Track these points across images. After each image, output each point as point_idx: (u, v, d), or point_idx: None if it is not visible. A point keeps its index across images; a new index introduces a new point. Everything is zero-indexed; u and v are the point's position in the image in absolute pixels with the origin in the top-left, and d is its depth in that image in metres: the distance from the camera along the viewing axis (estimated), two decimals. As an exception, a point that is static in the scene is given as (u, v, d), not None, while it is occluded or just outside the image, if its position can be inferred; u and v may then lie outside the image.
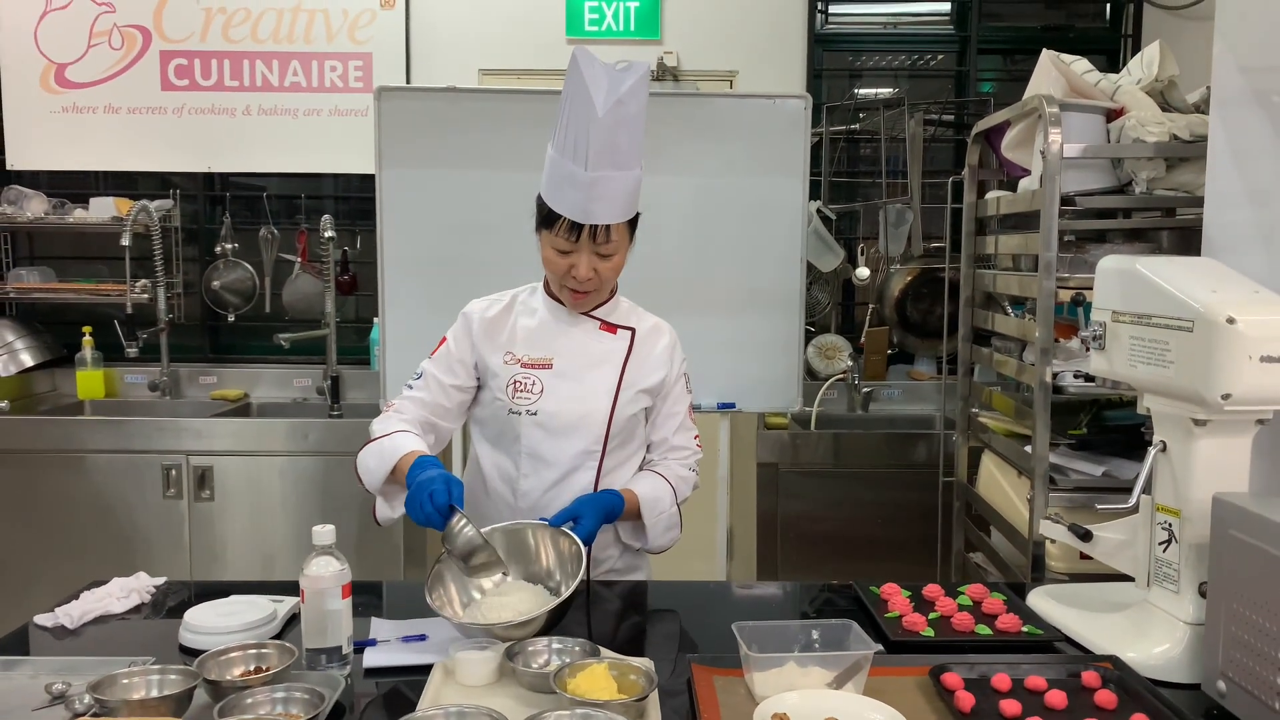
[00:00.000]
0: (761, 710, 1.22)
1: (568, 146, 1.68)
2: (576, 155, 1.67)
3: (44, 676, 1.38)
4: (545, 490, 1.84)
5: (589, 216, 1.69)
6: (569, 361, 1.85)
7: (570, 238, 1.72)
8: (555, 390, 1.83)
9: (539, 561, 1.69)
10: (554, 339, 1.86)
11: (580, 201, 1.69)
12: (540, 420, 1.83)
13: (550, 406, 1.82)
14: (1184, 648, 1.44)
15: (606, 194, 1.69)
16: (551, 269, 1.80)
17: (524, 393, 1.83)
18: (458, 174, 3.02)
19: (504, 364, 1.85)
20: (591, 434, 1.84)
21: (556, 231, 1.72)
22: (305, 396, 3.90)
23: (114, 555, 3.30)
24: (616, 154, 1.67)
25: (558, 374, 1.84)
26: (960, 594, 1.73)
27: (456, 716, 1.20)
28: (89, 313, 3.89)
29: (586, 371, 1.85)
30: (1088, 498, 2.22)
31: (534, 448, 1.84)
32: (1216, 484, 1.41)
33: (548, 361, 1.84)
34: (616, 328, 1.89)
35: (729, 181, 3.06)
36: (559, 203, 1.71)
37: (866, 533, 3.30)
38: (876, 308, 3.90)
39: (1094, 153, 2.30)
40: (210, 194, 3.99)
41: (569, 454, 1.84)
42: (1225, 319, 1.37)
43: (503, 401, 1.84)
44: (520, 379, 1.83)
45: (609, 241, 1.73)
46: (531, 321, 1.88)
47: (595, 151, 1.65)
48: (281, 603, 1.64)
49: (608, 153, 1.66)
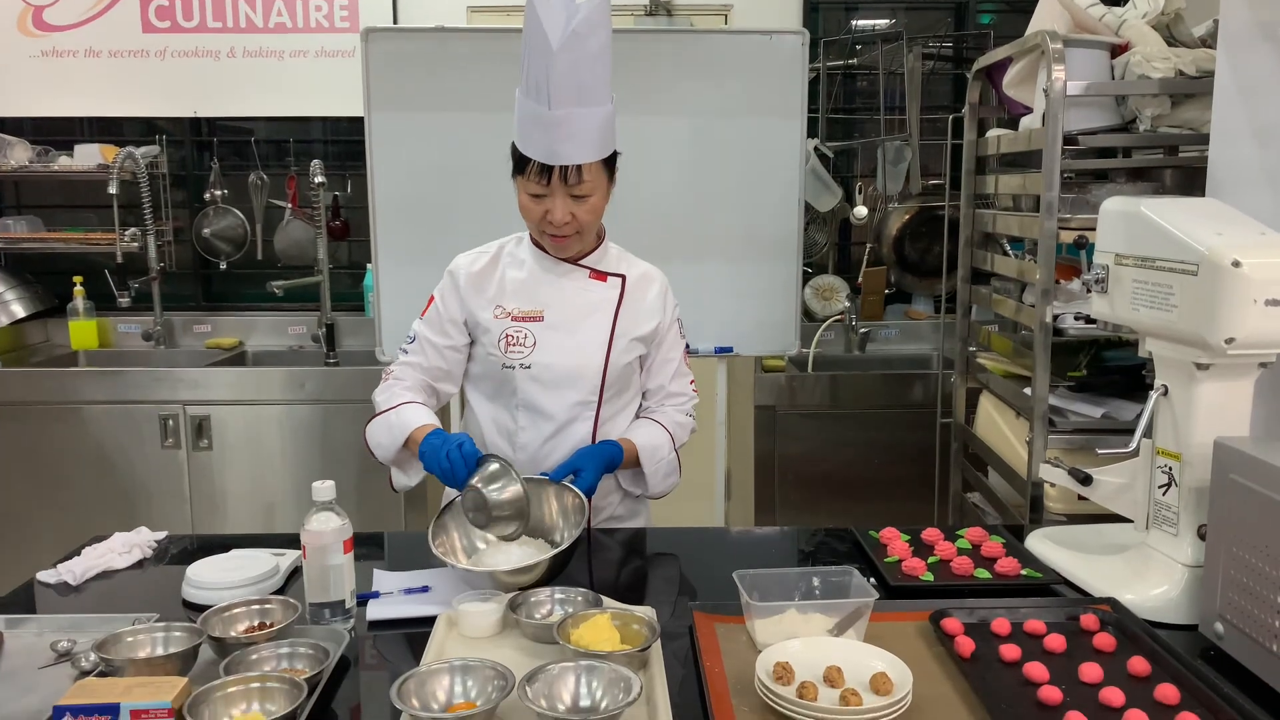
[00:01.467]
0: (764, 659, 1.23)
1: (530, 86, 1.64)
2: (540, 94, 1.62)
3: (49, 634, 1.39)
4: (543, 442, 1.84)
5: (557, 157, 1.65)
6: (560, 313, 1.83)
7: (541, 180, 1.68)
8: (548, 343, 1.81)
9: (543, 516, 1.70)
10: (544, 290, 1.84)
11: (547, 142, 1.64)
12: (535, 374, 1.81)
13: (544, 359, 1.81)
14: (1181, 590, 1.45)
15: (574, 133, 1.64)
16: (528, 215, 1.76)
17: (517, 346, 1.81)
18: (449, 116, 2.97)
19: (495, 318, 1.83)
20: (587, 385, 1.83)
21: (528, 175, 1.69)
22: (300, 344, 3.88)
23: (115, 506, 3.31)
24: (581, 90, 1.62)
25: (549, 326, 1.82)
26: (959, 537, 1.73)
27: (461, 670, 1.20)
28: (79, 262, 3.85)
29: (578, 322, 1.83)
30: (1087, 439, 2.22)
31: (530, 401, 1.83)
32: (1217, 428, 1.41)
33: (538, 314, 1.82)
34: (606, 275, 1.86)
35: (724, 121, 3.01)
36: (527, 145, 1.68)
37: (863, 473, 3.31)
38: (874, 247, 3.87)
39: (1098, 90, 2.25)
40: (197, 139, 3.93)
41: (565, 405, 1.83)
42: (1230, 262, 1.35)
43: (496, 356, 1.82)
44: (512, 333, 1.81)
45: (582, 182, 1.69)
46: (520, 273, 1.85)
47: (557, 89, 1.60)
48: (283, 556, 1.64)
49: (571, 89, 1.61)
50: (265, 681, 1.17)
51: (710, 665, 1.29)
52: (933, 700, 1.21)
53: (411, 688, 1.16)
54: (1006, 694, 1.21)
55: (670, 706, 1.16)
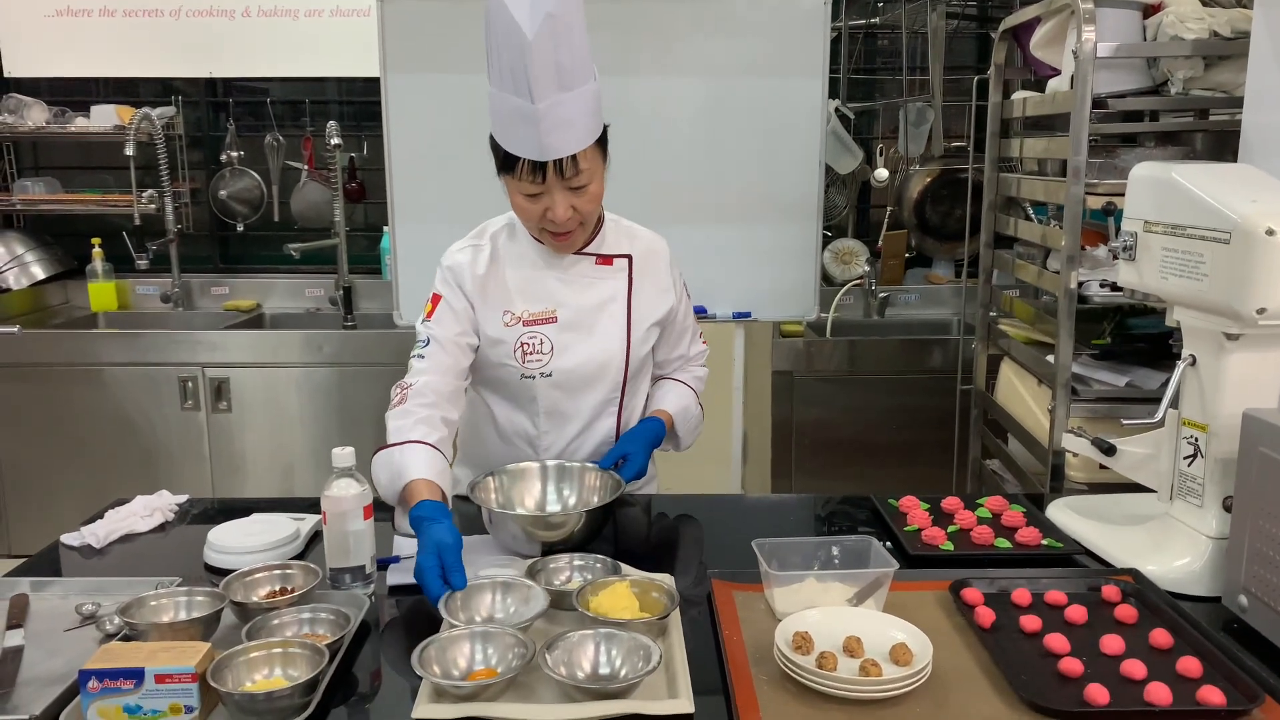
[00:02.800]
0: (783, 629, 1.23)
1: (506, 79, 1.49)
2: (518, 87, 1.47)
3: (74, 597, 1.41)
4: (567, 443, 1.80)
5: (549, 152, 1.51)
6: (573, 310, 1.73)
7: (535, 179, 1.54)
8: (566, 346, 1.72)
9: (579, 490, 1.71)
10: (552, 287, 1.73)
11: (534, 137, 1.50)
12: (556, 381, 1.73)
13: (565, 365, 1.73)
14: (1205, 561, 1.44)
15: (562, 122, 1.49)
16: (525, 217, 1.64)
17: (534, 355, 1.71)
18: (466, 78, 2.92)
19: (505, 326, 1.71)
20: (610, 383, 1.78)
21: (519, 175, 1.54)
22: (318, 307, 3.88)
23: (135, 468, 3.35)
24: (561, 74, 1.47)
25: (564, 327, 1.72)
26: (979, 506, 1.72)
27: (481, 637, 1.21)
28: (97, 223, 3.86)
29: (594, 318, 1.74)
30: (1110, 408, 2.21)
31: (553, 407, 1.77)
32: (1246, 399, 1.38)
33: (551, 315, 1.72)
34: (612, 258, 1.77)
35: (744, 81, 2.96)
36: (512, 143, 1.53)
37: (881, 439, 3.30)
38: (895, 210, 3.83)
39: (1129, 51, 2.20)
40: (212, 100, 3.91)
41: (589, 406, 1.78)
42: (1265, 230, 1.32)
43: (513, 367, 1.72)
44: (527, 340, 1.71)
45: (579, 173, 1.55)
46: (523, 272, 1.73)
47: (538, 79, 1.45)
48: (303, 520, 1.65)
49: (551, 76, 1.46)
50: (287, 647, 1.18)
51: (729, 634, 1.29)
52: (953, 671, 1.21)
53: (433, 654, 1.17)
54: (1027, 665, 1.21)
55: (689, 675, 1.17)
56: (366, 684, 1.23)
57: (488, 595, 1.34)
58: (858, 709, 1.12)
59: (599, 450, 1.81)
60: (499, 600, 1.33)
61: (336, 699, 1.17)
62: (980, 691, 1.17)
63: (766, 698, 1.15)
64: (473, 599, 1.32)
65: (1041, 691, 1.14)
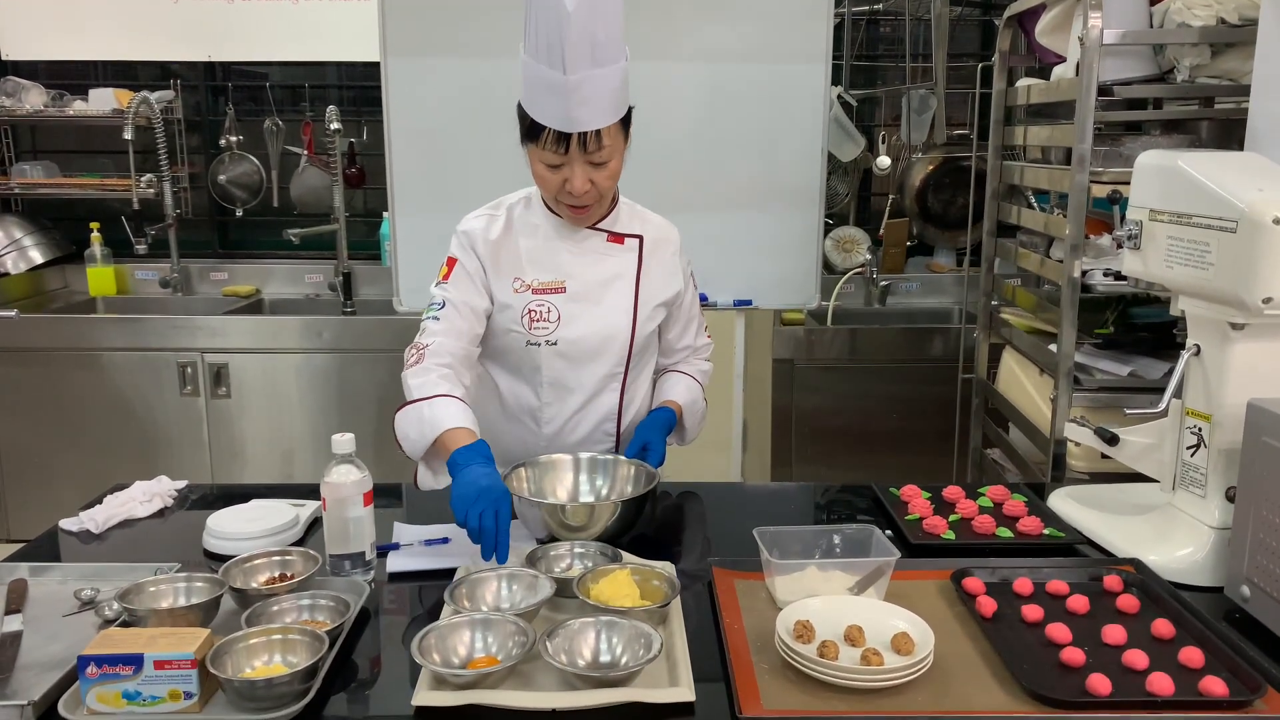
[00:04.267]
0: (784, 618, 1.23)
1: (540, 49, 1.53)
2: (552, 59, 1.51)
3: (73, 582, 1.40)
4: (569, 417, 1.80)
5: (575, 124, 1.55)
6: (582, 282, 1.75)
7: (559, 149, 1.57)
8: (573, 316, 1.74)
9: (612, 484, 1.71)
10: (562, 258, 1.75)
11: (563, 108, 1.53)
12: (561, 350, 1.75)
13: (571, 334, 1.74)
14: (1208, 551, 1.44)
15: (591, 96, 1.53)
16: (545, 185, 1.66)
17: (541, 322, 1.73)
18: (467, 62, 2.91)
19: (515, 292, 1.73)
20: (615, 356, 1.78)
21: (543, 144, 1.58)
22: (317, 293, 3.87)
23: (135, 453, 3.34)
24: (596, 49, 1.51)
25: (572, 297, 1.74)
26: (981, 495, 1.72)
27: (482, 624, 1.21)
28: (95, 208, 3.84)
29: (602, 291, 1.76)
30: (1112, 398, 2.20)
31: (556, 377, 1.77)
32: (1250, 389, 1.38)
33: (560, 285, 1.74)
34: (624, 237, 1.78)
35: (746, 67, 2.94)
36: (540, 112, 1.56)
37: (882, 428, 3.30)
38: (896, 198, 3.81)
39: (1135, 38, 2.18)
40: (212, 84, 3.89)
41: (593, 379, 1.78)
42: (1271, 219, 1.31)
43: (519, 333, 1.74)
44: (535, 307, 1.72)
45: (601, 148, 1.58)
46: (535, 241, 1.75)
47: (572, 52, 1.49)
48: (303, 506, 1.65)
49: (586, 50, 1.50)
50: (287, 633, 1.18)
51: (730, 622, 1.29)
52: (954, 660, 1.20)
53: (432, 642, 1.17)
54: (1029, 655, 1.20)
55: (690, 663, 1.16)
56: (366, 671, 1.23)
57: (493, 585, 1.34)
58: (859, 698, 1.12)
59: (600, 427, 1.82)
60: (504, 590, 1.33)
61: (336, 686, 1.17)
62: (982, 681, 1.16)
63: (767, 686, 1.14)
64: (478, 588, 1.33)
65: (1043, 681, 1.14)
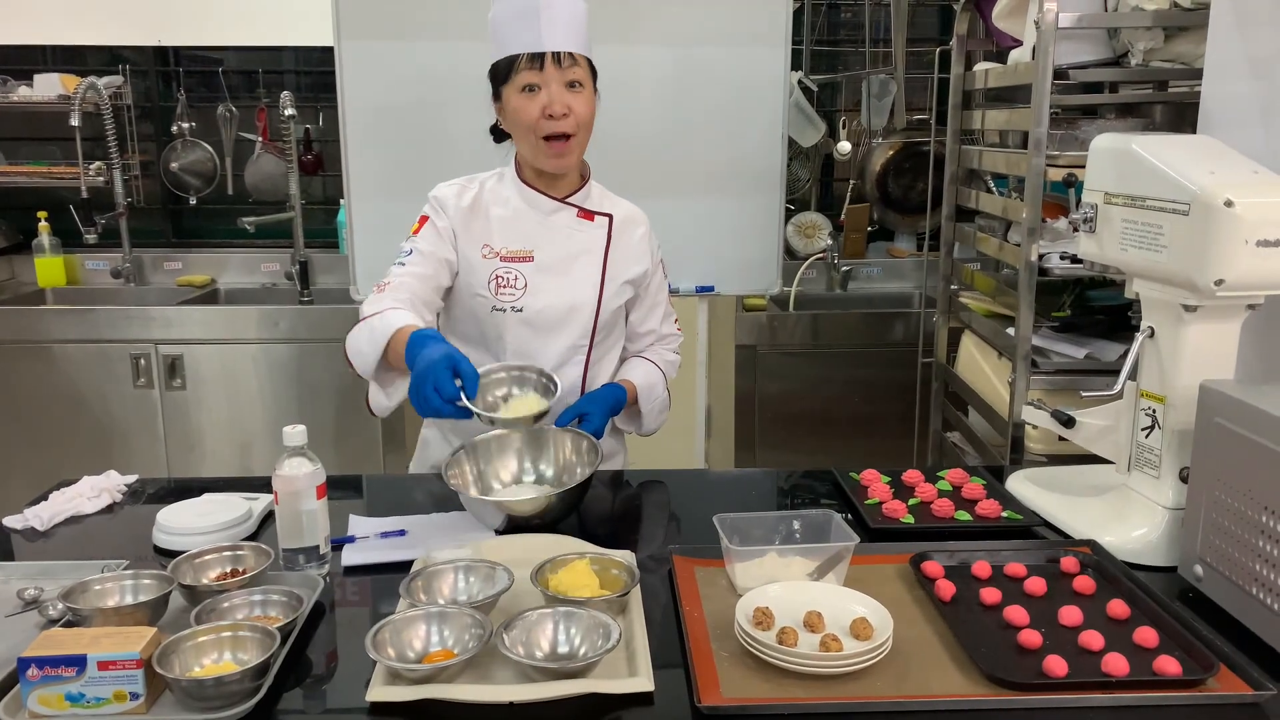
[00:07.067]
0: (744, 604, 1.22)
1: None
2: None
3: (16, 581, 1.36)
4: None
5: (545, 43, 1.66)
6: (550, 253, 1.77)
7: (534, 67, 1.66)
8: (540, 285, 1.76)
9: (555, 460, 1.69)
10: (532, 229, 1.78)
11: (536, 28, 1.65)
12: (526, 317, 1.76)
13: (536, 303, 1.76)
14: (1162, 532, 1.45)
15: (558, 18, 1.66)
16: (523, 118, 1.69)
17: (507, 289, 1.74)
18: (424, 45, 2.87)
19: (483, 258, 1.76)
20: (579, 328, 1.79)
21: (518, 69, 1.67)
22: (274, 282, 3.81)
23: (88, 447, 3.27)
24: None
25: (540, 267, 1.76)
26: (940, 479, 1.72)
27: (438, 617, 1.19)
28: (43, 197, 3.74)
29: (569, 264, 1.78)
30: (1069, 380, 2.22)
31: (520, 346, 1.77)
32: (1203, 370, 1.39)
33: (528, 254, 1.76)
34: (594, 214, 1.81)
35: (706, 49, 2.93)
36: (512, 43, 1.67)
37: (844, 412, 3.31)
38: (857, 183, 3.82)
39: (1090, 22, 2.19)
40: (162, 69, 3.80)
41: (556, 350, 1.79)
42: (1223, 202, 1.32)
43: (485, 298, 1.76)
44: (502, 274, 1.75)
45: (575, 66, 1.68)
46: (505, 211, 1.79)
47: None
48: (256, 500, 1.62)
49: None
50: (237, 630, 1.15)
51: (689, 610, 1.28)
52: (913, 644, 1.20)
53: (387, 636, 1.15)
54: (986, 638, 1.21)
55: (649, 652, 1.15)
56: (321, 667, 1.20)
57: (450, 577, 1.32)
58: (818, 684, 1.12)
59: (562, 400, 1.80)
60: (461, 582, 1.31)
61: (289, 683, 1.15)
62: (940, 665, 1.17)
63: (727, 674, 1.14)
64: (434, 581, 1.30)
65: (1000, 664, 1.14)
